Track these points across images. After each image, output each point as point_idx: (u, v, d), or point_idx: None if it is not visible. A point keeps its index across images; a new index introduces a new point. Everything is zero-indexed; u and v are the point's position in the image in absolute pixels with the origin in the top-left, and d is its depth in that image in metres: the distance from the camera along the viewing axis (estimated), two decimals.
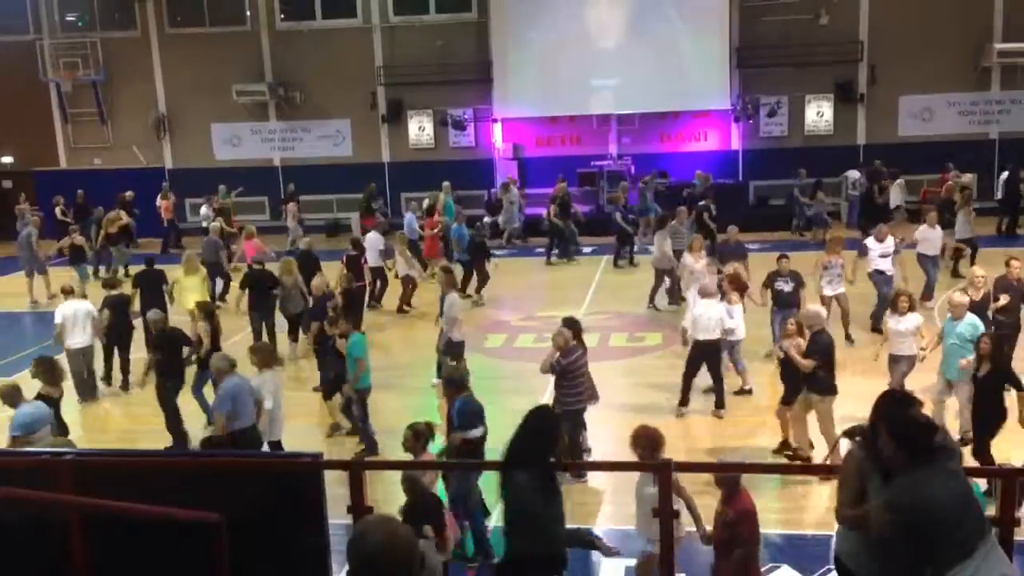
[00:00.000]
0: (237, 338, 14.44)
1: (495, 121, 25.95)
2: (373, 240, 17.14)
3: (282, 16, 26.70)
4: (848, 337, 13.58)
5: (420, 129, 26.49)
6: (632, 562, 7.57)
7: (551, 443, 5.37)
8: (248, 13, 26.62)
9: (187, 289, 14.62)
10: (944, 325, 10.35)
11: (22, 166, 27.82)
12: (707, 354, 11.25)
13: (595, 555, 8.27)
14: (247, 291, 14.64)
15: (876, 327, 13.68)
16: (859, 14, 24.46)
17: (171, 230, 24.34)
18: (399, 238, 17.75)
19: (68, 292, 12.96)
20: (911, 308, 10.62)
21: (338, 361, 11.00)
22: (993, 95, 24.58)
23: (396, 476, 9.70)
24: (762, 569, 7.61)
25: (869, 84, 24.70)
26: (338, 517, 4.77)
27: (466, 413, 8.40)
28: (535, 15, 25.13)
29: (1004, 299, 11.52)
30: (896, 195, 22.73)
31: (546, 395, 12.21)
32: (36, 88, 27.18)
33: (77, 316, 12.58)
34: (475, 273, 17.74)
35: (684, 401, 11.45)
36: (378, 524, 2.91)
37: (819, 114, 25.04)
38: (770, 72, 24.63)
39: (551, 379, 12.35)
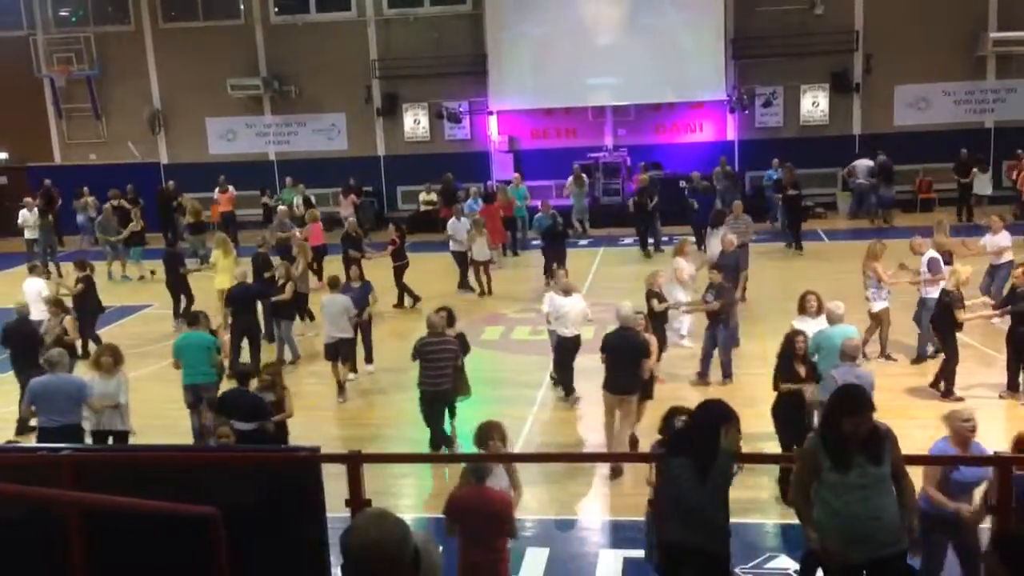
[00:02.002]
0: None
1: (490, 114, 25.91)
2: (458, 226, 17.99)
3: (276, 10, 26.65)
4: (887, 355, 12.60)
5: (415, 122, 26.47)
6: (633, 553, 7.61)
7: (715, 434, 5.29)
8: (242, 7, 26.57)
9: (222, 270, 15.28)
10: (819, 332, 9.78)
11: (16, 162, 27.79)
12: (571, 348, 11.50)
13: (593, 545, 8.32)
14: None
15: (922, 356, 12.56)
16: (854, 4, 24.43)
17: (228, 223, 23.50)
18: (476, 224, 17.96)
19: (31, 269, 14.51)
20: (819, 310, 10.29)
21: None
22: (989, 84, 24.57)
23: (396, 469, 9.79)
24: (759, 559, 7.66)
25: (865, 74, 24.68)
26: (336, 511, 4.77)
27: (223, 406, 8.87)
28: (529, 7, 25.06)
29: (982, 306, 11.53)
30: (983, 184, 22.01)
31: (541, 389, 12.26)
32: (30, 83, 27.10)
33: (28, 294, 13.54)
34: (551, 259, 17.78)
35: (570, 390, 11.70)
36: (369, 519, 2.89)
37: (815, 104, 25.03)
38: (766, 62, 24.61)
39: (546, 374, 12.43)
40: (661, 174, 23.47)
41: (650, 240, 20.87)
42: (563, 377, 11.78)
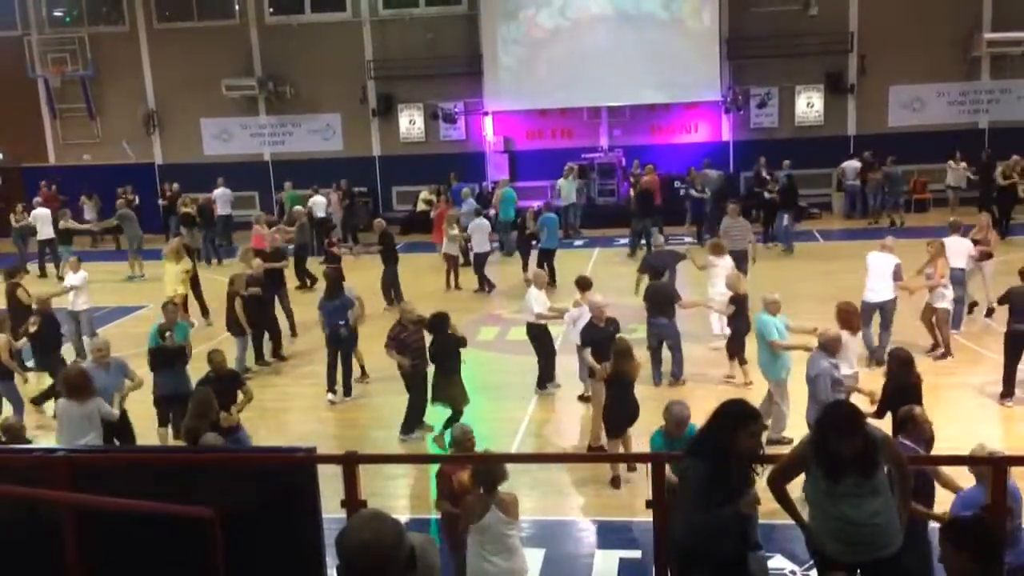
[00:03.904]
0: None
1: (486, 114, 25.92)
2: (473, 227, 18.29)
3: (271, 10, 26.63)
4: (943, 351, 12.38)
5: (411, 123, 26.47)
6: (629, 554, 7.63)
7: (730, 435, 5.12)
8: (237, 7, 26.55)
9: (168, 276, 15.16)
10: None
11: (11, 163, 27.71)
12: (531, 335, 12.18)
13: (589, 546, 8.32)
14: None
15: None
16: (849, 4, 24.47)
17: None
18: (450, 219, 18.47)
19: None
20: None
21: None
22: (983, 85, 24.63)
23: (391, 470, 9.78)
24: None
25: (859, 74, 24.73)
26: (332, 511, 4.76)
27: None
28: (524, 8, 25.07)
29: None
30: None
31: (534, 389, 12.25)
32: (24, 84, 27.07)
33: None
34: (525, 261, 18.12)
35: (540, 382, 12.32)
36: (365, 520, 2.88)
37: (809, 105, 25.08)
38: (760, 63, 24.65)
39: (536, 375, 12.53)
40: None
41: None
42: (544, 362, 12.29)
